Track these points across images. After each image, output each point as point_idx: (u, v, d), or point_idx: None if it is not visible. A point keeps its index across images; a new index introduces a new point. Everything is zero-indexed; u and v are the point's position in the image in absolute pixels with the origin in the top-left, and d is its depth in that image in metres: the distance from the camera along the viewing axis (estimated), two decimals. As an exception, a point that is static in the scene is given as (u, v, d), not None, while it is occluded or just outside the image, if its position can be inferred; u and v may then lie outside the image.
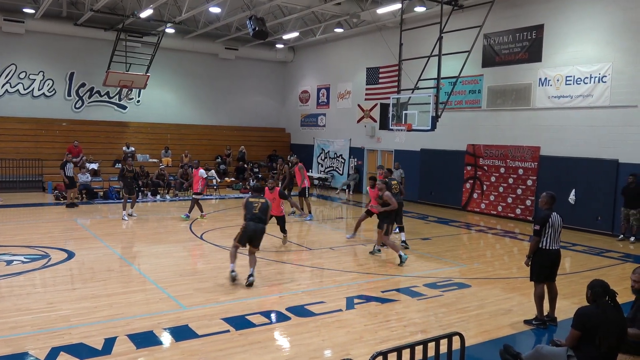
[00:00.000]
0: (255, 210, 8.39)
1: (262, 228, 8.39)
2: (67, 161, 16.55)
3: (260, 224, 8.38)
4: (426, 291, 8.38)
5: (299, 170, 15.55)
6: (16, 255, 9.98)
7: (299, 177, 15.48)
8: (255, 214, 8.37)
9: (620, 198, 13.58)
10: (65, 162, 16.51)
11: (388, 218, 10.29)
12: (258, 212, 8.37)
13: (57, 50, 22.48)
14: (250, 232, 8.34)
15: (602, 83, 14.17)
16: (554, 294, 7.05)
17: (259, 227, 8.37)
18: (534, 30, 15.82)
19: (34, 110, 22.19)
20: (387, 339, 6.27)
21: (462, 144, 18.11)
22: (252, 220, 8.36)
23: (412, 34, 16.45)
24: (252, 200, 8.55)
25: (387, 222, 10.24)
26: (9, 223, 13.93)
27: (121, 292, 7.86)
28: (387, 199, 10.17)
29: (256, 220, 8.36)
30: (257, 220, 8.36)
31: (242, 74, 27.07)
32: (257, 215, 8.36)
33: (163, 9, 20.21)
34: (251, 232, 8.34)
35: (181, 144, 24.18)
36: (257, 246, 8.47)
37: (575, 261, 11.08)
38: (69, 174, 16.44)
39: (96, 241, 11.54)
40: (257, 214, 8.37)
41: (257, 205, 8.43)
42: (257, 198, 8.63)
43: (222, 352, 5.77)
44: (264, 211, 8.42)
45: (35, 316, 6.72)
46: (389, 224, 10.33)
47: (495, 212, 16.93)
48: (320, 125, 25.77)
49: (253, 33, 17.48)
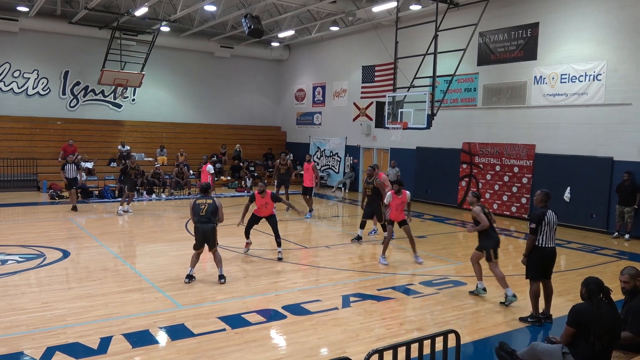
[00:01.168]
0: (201, 212, 8.43)
1: (211, 227, 8.42)
2: (68, 162, 15.96)
3: (210, 224, 8.40)
4: (422, 289, 8.40)
5: (312, 169, 15.49)
6: (11, 254, 9.94)
7: (310, 175, 15.44)
8: (202, 216, 8.41)
9: (614, 196, 13.64)
10: (66, 162, 15.97)
11: (488, 240, 7.83)
12: (204, 214, 8.39)
13: (51, 49, 22.36)
14: (201, 234, 8.40)
15: (597, 81, 14.22)
16: (550, 291, 7.08)
17: (208, 227, 8.39)
18: (529, 29, 15.85)
19: (29, 109, 22.08)
20: (383, 337, 6.29)
21: (457, 142, 18.14)
22: (199, 223, 8.42)
23: (407, 32, 16.45)
24: (198, 202, 8.55)
25: (488, 245, 7.81)
26: (4, 222, 13.87)
27: (117, 292, 7.85)
28: (475, 216, 7.86)
29: (204, 221, 8.40)
30: (204, 221, 8.40)
31: (238, 72, 27.02)
32: (204, 217, 8.40)
33: (158, 7, 20.14)
34: (201, 233, 8.40)
35: (176, 142, 24.12)
36: (213, 245, 8.50)
37: (570, 258, 11.13)
38: (70, 175, 15.72)
39: (91, 240, 11.51)
40: (203, 216, 8.40)
41: (203, 208, 8.44)
42: (203, 199, 8.59)
43: (218, 351, 5.77)
44: (211, 213, 8.42)
45: (30, 316, 6.71)
46: (491, 248, 7.79)
47: (491, 210, 16.93)
48: (316, 124, 25.76)
49: (248, 31, 17.46)
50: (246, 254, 10.41)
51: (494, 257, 7.74)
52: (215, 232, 8.47)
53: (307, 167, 15.73)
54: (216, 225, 8.50)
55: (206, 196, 8.70)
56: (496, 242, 7.81)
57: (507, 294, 7.64)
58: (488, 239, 7.80)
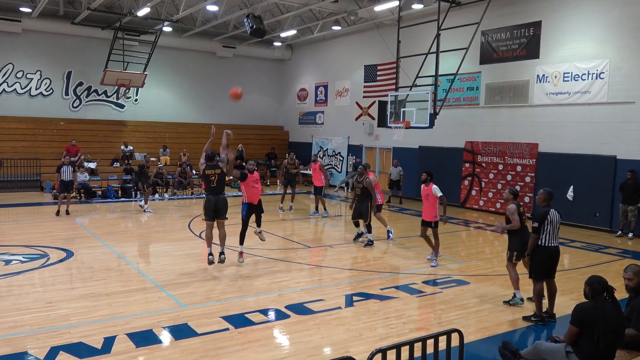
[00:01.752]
0: (212, 184, 8.72)
1: (223, 198, 8.73)
2: (64, 164, 14.98)
3: (221, 194, 8.73)
4: (425, 288, 8.40)
5: (320, 169, 15.51)
6: (15, 254, 9.97)
7: (319, 175, 15.44)
8: (213, 187, 8.72)
9: (618, 194, 13.60)
10: (62, 164, 14.98)
11: (515, 242, 7.49)
12: (216, 185, 8.72)
13: (54, 49, 22.42)
14: (212, 205, 8.65)
15: (600, 79, 14.19)
16: (553, 290, 7.06)
17: (220, 198, 8.69)
18: (531, 27, 15.82)
19: (32, 109, 22.14)
20: (386, 336, 6.28)
21: (460, 141, 18.12)
22: (211, 194, 8.68)
23: (409, 32, 16.44)
24: (208, 173, 8.76)
25: (514, 246, 7.49)
26: (7, 223, 13.91)
27: (120, 291, 7.86)
28: (509, 215, 7.44)
29: (214, 192, 8.67)
30: (215, 192, 8.68)
31: (240, 72, 27.02)
32: (215, 188, 8.72)
33: (160, 7, 20.17)
34: (213, 204, 8.65)
35: (179, 142, 24.15)
36: (224, 217, 8.83)
37: (574, 257, 11.11)
38: (66, 178, 14.74)
39: (95, 240, 11.53)
40: (215, 187, 8.72)
41: (213, 179, 8.75)
42: (212, 169, 8.78)
43: (221, 351, 5.78)
44: (220, 182, 8.75)
45: (34, 315, 6.72)
46: (515, 250, 7.47)
47: (494, 209, 16.95)
48: (318, 123, 25.76)
49: (250, 31, 17.46)
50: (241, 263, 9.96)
51: (515, 259, 7.48)
52: (226, 203, 8.80)
53: (314, 167, 15.76)
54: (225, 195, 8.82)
55: (214, 165, 8.83)
56: (523, 244, 7.24)
57: (516, 295, 7.60)
58: (516, 240, 7.43)
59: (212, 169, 8.82)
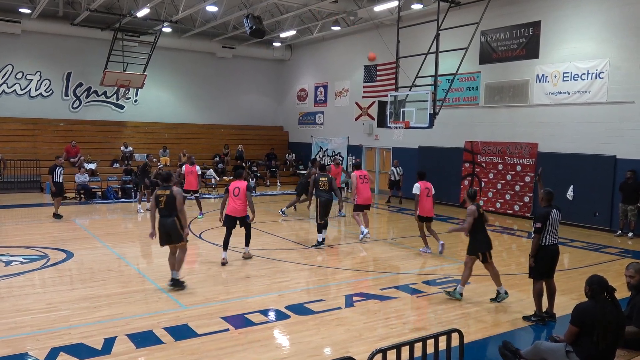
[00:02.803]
0: (161, 205, 7.89)
1: (171, 222, 7.81)
2: (57, 165, 14.59)
3: (168, 217, 7.83)
4: (425, 288, 8.40)
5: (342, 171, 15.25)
6: (15, 255, 9.97)
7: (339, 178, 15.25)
8: (161, 208, 7.89)
9: (618, 194, 13.60)
10: (55, 166, 14.54)
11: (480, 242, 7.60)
12: (164, 207, 7.85)
13: (53, 50, 22.43)
14: (161, 228, 7.90)
15: (599, 79, 14.19)
16: (553, 290, 7.06)
17: (168, 222, 7.83)
18: (531, 27, 15.82)
19: (31, 110, 22.16)
20: (386, 337, 6.29)
21: (459, 141, 18.12)
22: (160, 216, 7.92)
23: (409, 32, 16.44)
24: (158, 193, 7.96)
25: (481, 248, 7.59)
26: (8, 224, 13.91)
27: (120, 292, 7.86)
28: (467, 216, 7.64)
29: (162, 214, 7.88)
30: (162, 215, 7.88)
31: (240, 72, 27.05)
32: (162, 209, 7.87)
33: (160, 8, 20.17)
34: (161, 227, 7.90)
35: (179, 143, 24.15)
36: (177, 241, 7.92)
37: (574, 257, 11.11)
38: (58, 179, 14.41)
39: (95, 241, 11.53)
40: (162, 209, 7.87)
41: (162, 200, 7.87)
42: (163, 190, 7.95)
43: (222, 351, 5.78)
44: (169, 204, 7.81)
45: (34, 316, 6.73)
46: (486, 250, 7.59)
47: (494, 209, 16.95)
48: (318, 124, 25.76)
49: (250, 31, 17.47)
50: None
51: (490, 258, 7.65)
52: (177, 226, 7.86)
53: (337, 171, 15.64)
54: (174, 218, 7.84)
55: (166, 186, 8.03)
56: (489, 243, 7.64)
57: (500, 292, 7.69)
58: (481, 241, 7.59)
59: (163, 190, 7.96)
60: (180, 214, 7.91)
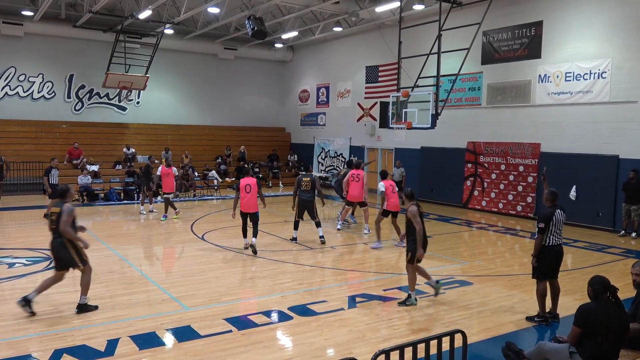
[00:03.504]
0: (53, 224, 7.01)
1: (59, 242, 6.89)
2: (52, 167, 14.42)
3: (57, 238, 6.95)
4: (428, 289, 8.37)
5: None
6: (18, 257, 9.99)
7: None
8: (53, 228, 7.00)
9: (621, 194, 13.56)
10: (50, 167, 14.38)
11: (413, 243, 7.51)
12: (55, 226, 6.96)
13: (56, 53, 22.48)
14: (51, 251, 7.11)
15: (602, 79, 14.16)
16: (557, 290, 7.04)
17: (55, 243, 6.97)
18: (533, 27, 15.80)
19: (34, 112, 22.20)
20: (389, 338, 6.28)
21: (462, 142, 18.10)
22: (52, 238, 7.07)
23: (411, 32, 16.43)
24: (51, 212, 7.20)
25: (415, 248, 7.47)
26: (11, 226, 13.93)
27: (123, 294, 7.87)
28: (411, 217, 7.43)
29: (55, 236, 6.99)
30: (55, 236, 6.99)
31: (242, 73, 27.07)
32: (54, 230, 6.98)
33: (162, 10, 20.20)
34: (51, 250, 7.10)
35: (181, 144, 24.16)
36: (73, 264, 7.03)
37: (577, 257, 11.08)
38: (54, 181, 14.16)
39: (98, 243, 11.53)
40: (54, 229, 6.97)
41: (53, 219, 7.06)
42: (55, 208, 7.10)
43: (225, 352, 5.78)
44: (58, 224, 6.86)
45: (37, 318, 6.73)
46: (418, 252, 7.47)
47: (497, 209, 16.93)
48: (320, 125, 25.76)
49: (252, 33, 17.48)
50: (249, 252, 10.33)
51: (417, 262, 7.55)
52: (67, 248, 6.89)
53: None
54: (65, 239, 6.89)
55: (59, 203, 7.05)
56: (424, 245, 7.45)
57: (411, 296, 7.54)
58: (414, 242, 7.45)
59: (56, 207, 7.12)
60: (65, 234, 6.81)
